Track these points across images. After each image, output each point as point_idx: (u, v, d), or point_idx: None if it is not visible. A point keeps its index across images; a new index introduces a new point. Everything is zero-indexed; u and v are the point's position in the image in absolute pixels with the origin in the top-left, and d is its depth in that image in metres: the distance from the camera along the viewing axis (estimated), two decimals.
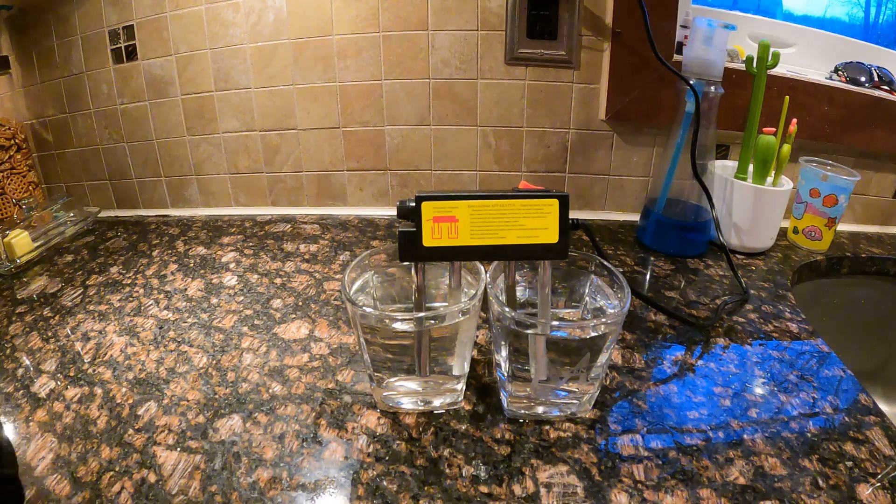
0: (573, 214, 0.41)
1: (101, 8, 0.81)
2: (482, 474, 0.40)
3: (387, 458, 0.42)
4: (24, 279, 0.68)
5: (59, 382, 0.49)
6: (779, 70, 0.75)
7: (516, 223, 0.39)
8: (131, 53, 0.82)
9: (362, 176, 0.87)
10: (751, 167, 0.74)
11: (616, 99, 0.78)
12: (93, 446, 0.42)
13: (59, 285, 0.67)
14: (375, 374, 0.45)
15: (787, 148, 0.71)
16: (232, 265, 0.71)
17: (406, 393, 0.46)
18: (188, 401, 0.47)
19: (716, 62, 0.65)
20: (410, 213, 0.39)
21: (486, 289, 0.43)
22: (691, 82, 0.66)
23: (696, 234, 0.73)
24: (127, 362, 0.52)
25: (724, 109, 0.69)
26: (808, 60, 0.91)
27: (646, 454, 0.42)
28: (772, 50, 0.68)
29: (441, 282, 0.49)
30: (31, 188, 0.89)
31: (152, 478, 0.40)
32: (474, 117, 0.82)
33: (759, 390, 0.50)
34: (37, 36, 0.85)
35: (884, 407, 0.55)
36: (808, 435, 0.44)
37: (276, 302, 0.62)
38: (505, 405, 0.46)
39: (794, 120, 0.71)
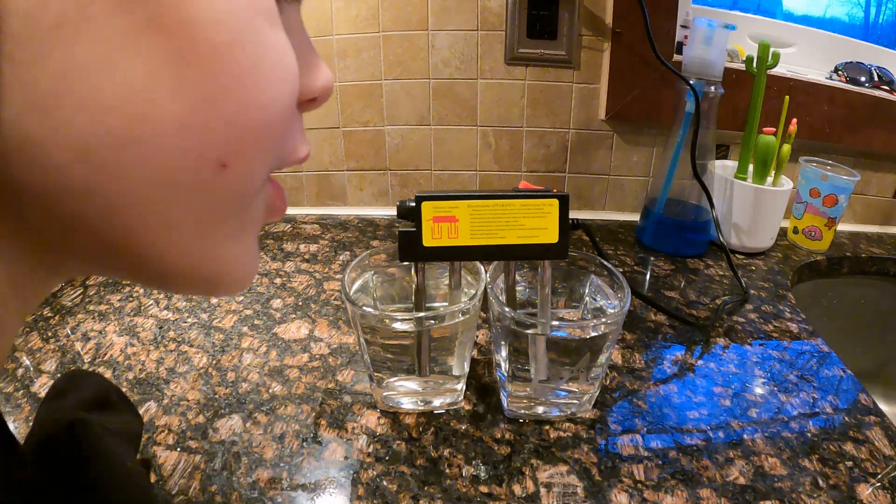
0: (573, 214, 0.41)
1: None
2: (482, 474, 0.40)
3: (387, 458, 0.42)
4: None
5: None
6: (779, 70, 0.75)
7: (516, 223, 0.39)
8: None
9: (362, 176, 0.87)
10: (751, 167, 0.74)
11: (616, 99, 0.78)
12: None
13: (59, 285, 0.67)
14: (375, 374, 0.45)
15: (787, 148, 0.71)
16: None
17: (406, 393, 0.46)
18: (188, 401, 0.47)
19: (716, 62, 0.65)
20: (410, 213, 0.39)
21: (486, 289, 0.43)
22: (691, 82, 0.66)
23: (696, 234, 0.73)
24: (127, 362, 0.52)
25: (724, 109, 0.69)
26: (808, 60, 0.91)
27: (646, 454, 0.42)
28: (772, 50, 0.68)
29: (441, 282, 0.49)
30: None
31: (152, 478, 0.40)
32: (474, 117, 0.82)
33: (759, 390, 0.50)
34: None
35: (884, 407, 0.55)
36: (808, 435, 0.44)
37: (276, 302, 0.62)
38: (505, 405, 0.46)
39: (794, 120, 0.71)
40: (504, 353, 0.43)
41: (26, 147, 0.14)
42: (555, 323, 0.40)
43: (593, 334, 0.40)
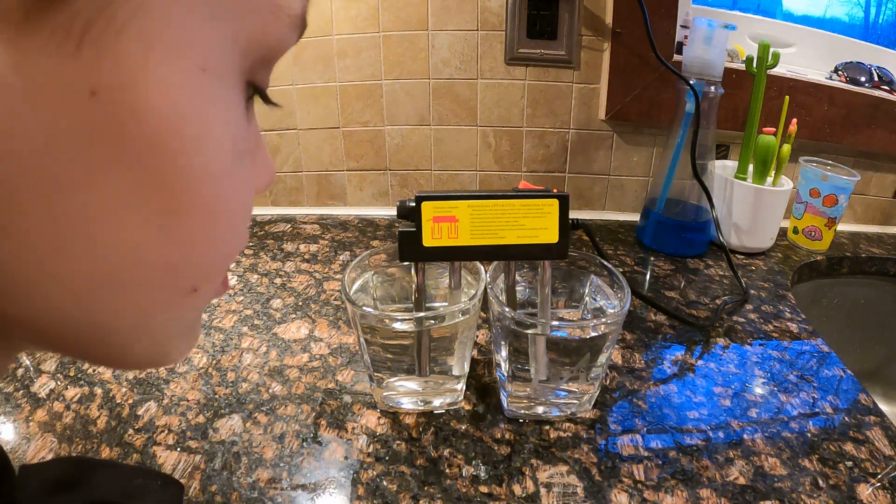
0: (573, 214, 0.41)
1: None
2: (482, 474, 0.40)
3: (387, 458, 0.42)
4: None
5: (59, 382, 0.49)
6: (779, 70, 0.75)
7: (516, 223, 0.39)
8: None
9: (362, 176, 0.87)
10: (751, 167, 0.74)
11: (616, 99, 0.78)
12: (93, 446, 0.42)
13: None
14: (375, 374, 0.45)
15: (787, 148, 0.71)
16: (231, 265, 0.71)
17: (406, 393, 0.46)
18: (188, 401, 0.47)
19: (716, 62, 0.65)
20: (410, 213, 0.39)
21: (486, 289, 0.43)
22: (691, 82, 0.66)
23: (696, 234, 0.73)
24: None
25: (724, 109, 0.69)
26: (808, 60, 0.91)
27: (646, 454, 0.42)
28: (772, 50, 0.68)
29: (441, 282, 0.49)
30: None
31: None
32: (474, 117, 0.82)
33: (759, 390, 0.50)
34: None
35: (884, 407, 0.55)
36: (808, 435, 0.44)
37: (276, 302, 0.62)
38: (505, 405, 0.46)
39: (794, 120, 0.71)
40: (504, 353, 0.43)
41: (18, 286, 0.15)
42: (555, 323, 0.40)
43: (593, 334, 0.40)
